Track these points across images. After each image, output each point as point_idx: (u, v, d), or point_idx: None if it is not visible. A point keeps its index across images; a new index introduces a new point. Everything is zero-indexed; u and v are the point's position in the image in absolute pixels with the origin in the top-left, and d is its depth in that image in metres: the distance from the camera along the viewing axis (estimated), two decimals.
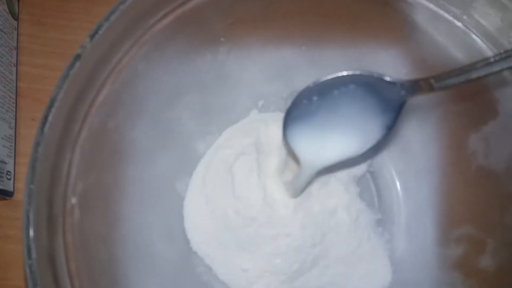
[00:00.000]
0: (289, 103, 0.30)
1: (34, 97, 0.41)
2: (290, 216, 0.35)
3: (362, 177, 0.39)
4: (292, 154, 0.36)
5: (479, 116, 0.35)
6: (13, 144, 0.40)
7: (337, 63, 0.38)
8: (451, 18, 0.33)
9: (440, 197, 0.37)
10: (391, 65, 0.36)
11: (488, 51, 0.32)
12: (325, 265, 0.36)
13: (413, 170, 0.39)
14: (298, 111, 0.30)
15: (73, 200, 0.27)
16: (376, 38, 0.36)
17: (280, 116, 0.39)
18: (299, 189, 0.35)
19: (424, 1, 0.33)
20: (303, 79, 0.39)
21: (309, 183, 0.34)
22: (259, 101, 0.40)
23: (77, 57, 0.25)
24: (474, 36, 0.32)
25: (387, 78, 0.28)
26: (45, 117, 0.24)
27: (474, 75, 0.26)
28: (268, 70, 0.39)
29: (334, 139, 0.30)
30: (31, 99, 0.41)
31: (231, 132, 0.39)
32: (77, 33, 0.42)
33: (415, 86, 0.28)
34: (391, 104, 0.29)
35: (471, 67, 0.26)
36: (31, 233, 0.23)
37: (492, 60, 0.25)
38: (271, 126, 0.39)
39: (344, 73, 0.29)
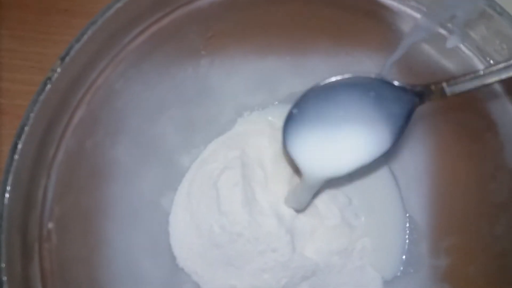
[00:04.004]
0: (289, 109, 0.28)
1: (16, 114, 0.41)
2: (276, 231, 0.34)
3: None
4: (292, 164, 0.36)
5: (468, 125, 0.34)
6: None
7: (322, 72, 0.37)
8: (436, 26, 0.32)
9: (430, 206, 0.37)
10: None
11: (474, 58, 0.32)
12: (315, 279, 0.36)
13: (402, 179, 0.38)
14: (299, 117, 0.29)
15: (50, 225, 0.27)
16: (361, 47, 0.35)
17: (267, 126, 0.39)
18: (303, 202, 0.33)
19: (407, 9, 0.32)
20: (288, 89, 0.39)
21: (312, 196, 0.33)
22: (244, 112, 0.39)
23: (48, 80, 0.24)
24: (459, 43, 0.32)
25: (396, 83, 0.27)
26: (15, 145, 0.23)
27: (489, 79, 0.25)
28: (252, 80, 0.38)
29: (339, 148, 0.29)
30: (13, 116, 0.41)
31: (216, 145, 0.38)
32: (57, 46, 0.41)
33: (426, 91, 0.26)
34: (400, 111, 0.27)
35: (486, 71, 0.25)
36: (2, 264, 0.22)
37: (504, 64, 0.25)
38: (258, 138, 0.38)
39: (347, 76, 0.28)
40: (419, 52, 0.33)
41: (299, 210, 0.34)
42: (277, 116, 0.39)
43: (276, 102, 0.40)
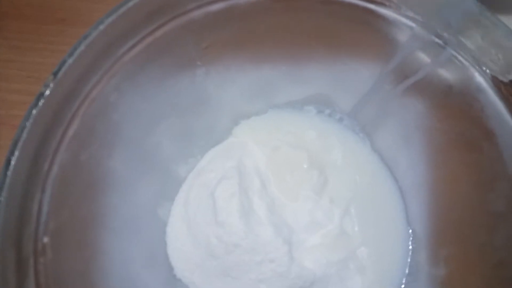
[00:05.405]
0: None
1: (13, 124, 0.41)
2: (274, 242, 0.34)
3: None
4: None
5: (466, 134, 0.34)
6: None
7: (318, 81, 0.38)
8: (432, 36, 0.32)
9: (428, 215, 0.36)
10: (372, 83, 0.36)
11: (470, 68, 0.32)
12: None
13: (400, 189, 0.38)
14: None
15: (45, 239, 0.27)
16: (357, 56, 0.35)
17: (263, 134, 0.39)
18: None
19: (403, 19, 0.32)
20: (285, 97, 0.39)
21: None
22: (241, 121, 0.39)
23: (41, 96, 0.24)
24: (455, 53, 0.32)
25: None
26: (8, 161, 0.23)
27: None
28: (249, 89, 0.38)
29: None
30: (10, 126, 0.41)
31: (213, 155, 0.38)
32: (54, 56, 0.41)
33: None
34: None
35: None
36: None
37: None
38: (254, 146, 0.38)
39: None
40: (415, 62, 0.33)
41: None
42: (273, 124, 0.39)
43: (272, 109, 0.39)
